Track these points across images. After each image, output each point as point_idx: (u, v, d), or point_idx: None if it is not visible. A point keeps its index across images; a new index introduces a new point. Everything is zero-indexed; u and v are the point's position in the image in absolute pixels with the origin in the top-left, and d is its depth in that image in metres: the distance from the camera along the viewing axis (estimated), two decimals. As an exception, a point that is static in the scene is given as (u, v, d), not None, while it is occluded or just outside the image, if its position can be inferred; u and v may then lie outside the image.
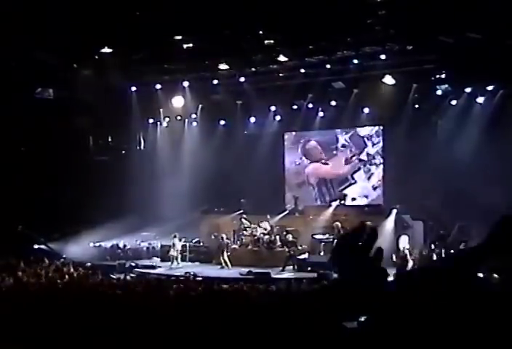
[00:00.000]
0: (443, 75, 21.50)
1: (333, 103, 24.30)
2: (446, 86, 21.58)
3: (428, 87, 22.04)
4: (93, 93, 23.09)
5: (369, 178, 25.13)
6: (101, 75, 22.48)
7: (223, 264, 21.03)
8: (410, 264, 18.40)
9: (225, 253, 21.32)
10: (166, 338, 6.22)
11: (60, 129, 23.21)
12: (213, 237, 22.54)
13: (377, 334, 1.51)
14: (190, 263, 22.47)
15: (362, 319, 1.63)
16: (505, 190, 17.62)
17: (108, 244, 24.35)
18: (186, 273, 18.51)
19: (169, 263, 21.89)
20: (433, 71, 21.23)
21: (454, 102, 22.20)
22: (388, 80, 21.54)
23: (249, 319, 6.45)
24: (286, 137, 26.98)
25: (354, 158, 25.25)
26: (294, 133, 26.93)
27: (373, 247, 1.64)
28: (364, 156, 25.14)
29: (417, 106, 22.87)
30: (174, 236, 22.34)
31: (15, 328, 6.49)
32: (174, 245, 22.21)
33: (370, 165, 25.07)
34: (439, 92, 21.91)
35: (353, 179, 25.34)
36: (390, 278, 1.62)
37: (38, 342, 6.13)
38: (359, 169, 25.22)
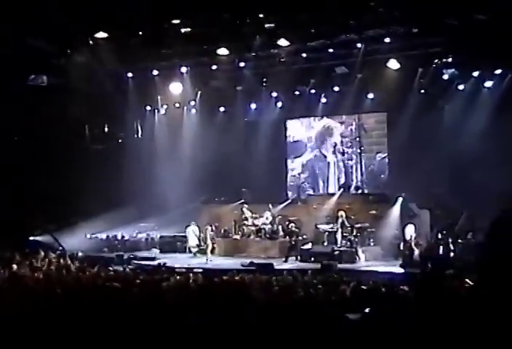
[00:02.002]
0: (449, 59, 21.37)
1: (336, 89, 24.22)
2: (453, 70, 21.47)
3: (434, 71, 21.93)
4: (88, 80, 23.00)
5: (372, 166, 25.13)
6: (96, 61, 22.38)
7: (207, 256, 21.13)
8: (416, 253, 18.45)
9: (206, 245, 21.48)
10: (166, 332, 6.22)
11: (54, 118, 23.15)
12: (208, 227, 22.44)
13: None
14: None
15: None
16: (514, 177, 17.60)
17: (105, 235, 24.42)
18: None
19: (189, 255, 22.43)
20: (439, 55, 21.11)
21: (461, 87, 22.10)
22: (393, 64, 21.42)
23: (253, 313, 6.46)
24: (288, 123, 26.94)
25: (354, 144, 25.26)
26: (296, 120, 26.90)
27: None
28: (366, 143, 25.14)
29: (422, 91, 22.76)
30: (188, 225, 22.75)
31: (10, 323, 6.50)
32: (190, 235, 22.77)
33: (375, 153, 25.06)
34: (446, 77, 21.80)
35: (359, 167, 25.35)
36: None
37: (34, 337, 6.14)
38: (362, 156, 25.21)
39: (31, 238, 22.53)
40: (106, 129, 27.08)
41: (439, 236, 19.59)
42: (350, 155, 25.58)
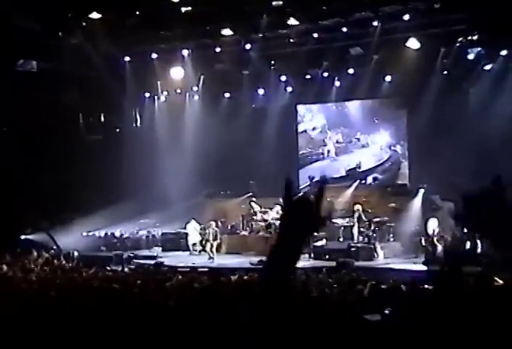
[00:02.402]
0: (475, 37, 21.22)
1: (351, 71, 24.12)
2: (479, 49, 21.33)
3: (458, 51, 21.80)
4: (81, 64, 23.01)
5: (391, 154, 25.10)
6: (90, 44, 22.36)
7: (210, 255, 21.15)
8: (440, 249, 18.40)
9: (208, 244, 21.42)
10: (169, 337, 6.23)
11: (45, 106, 23.15)
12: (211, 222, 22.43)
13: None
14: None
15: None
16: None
17: (102, 233, 24.49)
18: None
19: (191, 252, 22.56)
20: (463, 32, 20.97)
21: (487, 67, 21.97)
22: (413, 44, 21.30)
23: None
24: (299, 109, 26.92)
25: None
26: (307, 105, 26.87)
27: None
28: (384, 129, 25.10)
29: (445, 73, 22.64)
30: (188, 222, 22.84)
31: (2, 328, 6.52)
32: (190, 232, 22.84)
33: (394, 140, 25.02)
34: (471, 56, 21.67)
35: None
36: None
37: (26, 344, 6.16)
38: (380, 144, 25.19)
39: (23, 236, 22.62)
40: (102, 118, 27.12)
41: (465, 230, 19.52)
42: (366, 143, 25.53)
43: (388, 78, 23.86)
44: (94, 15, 20.56)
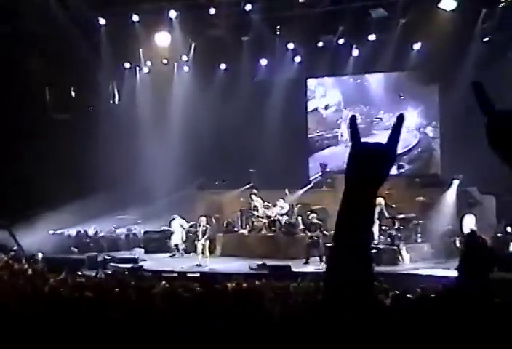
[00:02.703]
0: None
1: (372, 38, 24.12)
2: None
3: (501, 12, 21.74)
4: (47, 29, 22.94)
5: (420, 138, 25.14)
6: (58, 2, 22.29)
7: (200, 258, 21.13)
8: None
9: (199, 244, 21.40)
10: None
11: (2, 77, 23.11)
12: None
13: None
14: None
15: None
16: None
17: (72, 231, 24.56)
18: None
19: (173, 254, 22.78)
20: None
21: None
22: (447, 4, 21.27)
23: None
24: (309, 83, 26.90)
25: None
26: (319, 79, 26.85)
27: None
28: (412, 108, 25.11)
29: (486, 39, 22.61)
30: (173, 219, 22.82)
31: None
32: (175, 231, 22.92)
33: (424, 121, 25.05)
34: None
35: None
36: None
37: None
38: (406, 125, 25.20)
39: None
40: (73, 94, 27.06)
41: (508, 230, 19.56)
42: (390, 124, 25.52)
43: (417, 46, 23.85)
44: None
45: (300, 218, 22.30)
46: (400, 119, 1.98)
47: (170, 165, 24.29)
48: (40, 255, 20.28)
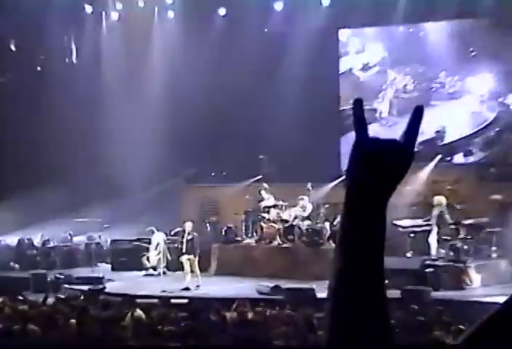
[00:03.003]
0: None
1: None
2: None
3: None
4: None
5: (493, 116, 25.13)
6: None
7: (185, 279, 21.11)
8: None
9: (185, 259, 21.36)
10: None
11: None
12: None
13: None
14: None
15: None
16: None
17: (13, 240, 24.61)
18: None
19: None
20: None
21: None
22: None
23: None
24: (341, 35, 26.89)
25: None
26: (356, 29, 26.84)
27: None
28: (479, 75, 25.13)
29: None
30: (152, 232, 22.99)
31: None
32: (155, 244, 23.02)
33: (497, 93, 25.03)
34: None
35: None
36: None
37: None
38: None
39: None
40: (12, 48, 27.06)
41: None
42: (455, 92, 25.44)
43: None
44: None
45: (327, 223, 22.30)
46: (418, 112, 1.93)
47: (148, 148, 24.32)
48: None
